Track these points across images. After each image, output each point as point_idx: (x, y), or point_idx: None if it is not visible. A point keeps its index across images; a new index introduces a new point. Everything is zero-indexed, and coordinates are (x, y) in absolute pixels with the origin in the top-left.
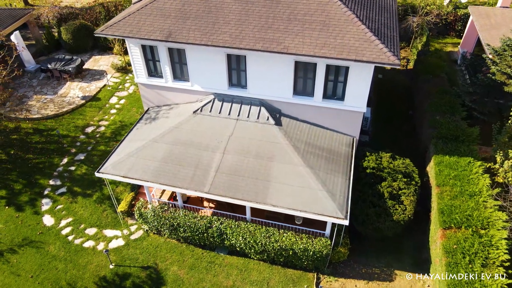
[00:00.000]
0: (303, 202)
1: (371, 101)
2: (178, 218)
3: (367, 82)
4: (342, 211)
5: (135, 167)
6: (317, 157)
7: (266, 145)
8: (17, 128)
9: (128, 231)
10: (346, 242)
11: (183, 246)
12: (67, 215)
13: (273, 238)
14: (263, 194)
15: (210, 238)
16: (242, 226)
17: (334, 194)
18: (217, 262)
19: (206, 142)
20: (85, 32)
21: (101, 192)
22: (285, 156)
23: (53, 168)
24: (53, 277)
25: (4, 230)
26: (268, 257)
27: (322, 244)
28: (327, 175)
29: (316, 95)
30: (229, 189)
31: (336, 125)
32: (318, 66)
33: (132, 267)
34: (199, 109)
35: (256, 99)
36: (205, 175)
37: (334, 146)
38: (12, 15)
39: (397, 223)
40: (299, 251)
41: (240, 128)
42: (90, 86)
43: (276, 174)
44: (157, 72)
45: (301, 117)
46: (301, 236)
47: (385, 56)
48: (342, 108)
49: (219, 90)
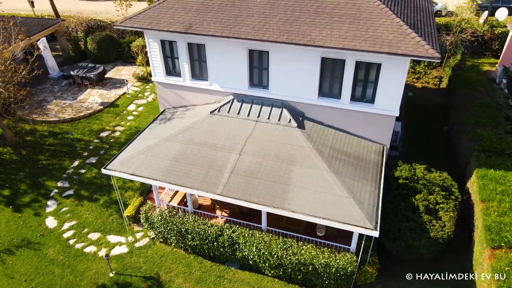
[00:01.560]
0: (327, 209)
1: (402, 116)
2: (186, 223)
3: (401, 82)
4: (372, 221)
5: (144, 165)
6: (343, 163)
7: (286, 148)
8: (32, 130)
9: (133, 238)
10: (374, 261)
11: (190, 257)
12: (71, 218)
13: (291, 251)
14: (282, 198)
15: (221, 248)
16: (256, 235)
17: (362, 202)
18: (226, 277)
19: (222, 143)
20: (110, 43)
21: (109, 196)
22: (307, 160)
23: (62, 170)
24: (48, 282)
25: (4, 230)
26: (284, 273)
27: (346, 260)
28: (354, 182)
29: (343, 96)
30: (244, 191)
31: (365, 131)
32: (346, 63)
33: (134, 277)
34: (217, 110)
35: (278, 101)
36: (218, 176)
37: (362, 153)
38: (42, 24)
39: (435, 241)
40: (320, 267)
41: (259, 129)
42: (109, 93)
43: (297, 178)
44: (175, 71)
45: (326, 121)
46: (323, 250)
47: (423, 49)
48: (372, 111)
49: (239, 90)
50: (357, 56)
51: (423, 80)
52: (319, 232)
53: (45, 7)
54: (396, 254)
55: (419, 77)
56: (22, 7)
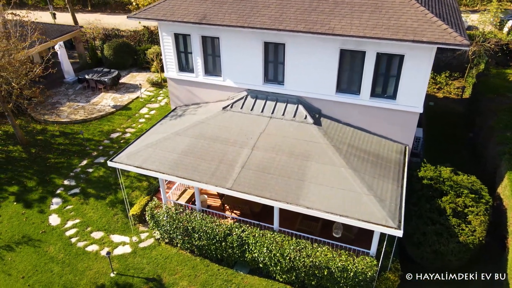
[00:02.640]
0: (345, 206)
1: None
2: (193, 221)
3: (426, 75)
4: (394, 220)
5: (151, 158)
6: (362, 160)
7: (302, 144)
8: (43, 130)
9: (137, 238)
10: (396, 267)
11: (196, 260)
12: (75, 216)
13: (305, 252)
14: (296, 194)
15: (229, 249)
16: (268, 235)
17: (383, 200)
18: (234, 281)
19: (233, 138)
20: (126, 50)
21: (115, 195)
22: (323, 156)
23: (70, 168)
24: (46, 280)
25: (6, 226)
26: (297, 278)
27: (366, 264)
28: (374, 179)
29: (363, 92)
30: (256, 186)
31: (385, 129)
32: (367, 55)
33: (136, 277)
34: (229, 106)
35: (294, 97)
36: (229, 171)
37: (383, 151)
38: (60, 30)
39: (465, 246)
40: (336, 271)
41: (273, 125)
42: (123, 97)
43: (312, 174)
44: (188, 66)
45: (344, 119)
46: (340, 253)
47: (450, 36)
48: (394, 108)
49: (253, 85)
50: (378, 46)
51: (444, 90)
52: (336, 233)
53: (67, 19)
54: (420, 261)
55: (440, 87)
56: (45, 20)
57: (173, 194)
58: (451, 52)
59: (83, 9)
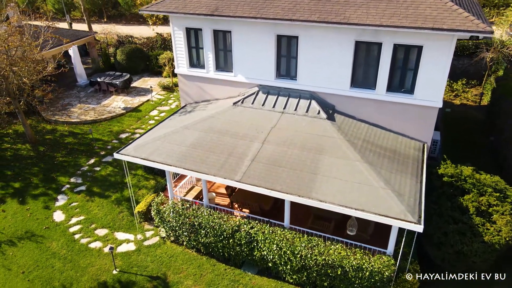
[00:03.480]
0: (360, 200)
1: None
2: (200, 217)
3: (445, 68)
4: (414, 214)
5: (159, 150)
6: (378, 155)
7: (314, 138)
8: (53, 129)
9: (142, 236)
10: (415, 269)
11: (203, 259)
12: (79, 213)
13: (317, 250)
14: (308, 187)
15: (237, 246)
16: (278, 232)
17: (401, 194)
18: (242, 282)
19: (244, 132)
20: (138, 55)
21: (121, 193)
22: (337, 150)
23: (77, 167)
24: (46, 275)
25: (10, 221)
26: (308, 278)
27: (383, 263)
28: (391, 174)
29: (378, 86)
30: (266, 179)
31: (402, 126)
32: (383, 47)
33: (139, 275)
34: (240, 101)
35: (306, 92)
36: (238, 164)
37: (400, 148)
38: (75, 35)
39: (490, 247)
40: (350, 270)
41: (285, 120)
42: (133, 100)
43: (326, 168)
44: (199, 62)
45: (358, 115)
46: (354, 251)
47: (473, 24)
48: (411, 102)
49: (265, 81)
50: (395, 37)
51: (461, 96)
52: (350, 231)
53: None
54: (441, 263)
55: (457, 94)
56: None
57: (180, 191)
58: (467, 59)
59: (99, 20)
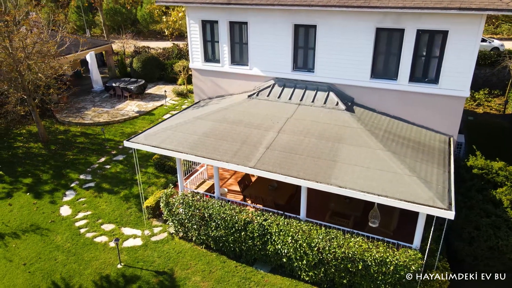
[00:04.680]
0: (383, 186)
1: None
2: (211, 208)
3: (473, 53)
4: (443, 201)
5: (170, 139)
6: (401, 145)
7: (333, 128)
8: (66, 130)
9: (150, 232)
10: (445, 267)
11: (212, 255)
12: (87, 208)
13: (336, 242)
14: (327, 174)
15: (249, 240)
16: (293, 224)
17: (428, 182)
18: (254, 279)
19: (258, 122)
20: (154, 63)
21: (130, 190)
22: (357, 139)
23: (88, 165)
24: (48, 268)
25: (16, 214)
26: (326, 275)
27: (408, 256)
28: (416, 162)
29: (401, 76)
30: (282, 166)
31: (426, 118)
32: (406, 33)
33: (144, 270)
34: (255, 94)
35: (324, 84)
36: (252, 151)
37: (424, 140)
38: (93, 43)
39: None
40: (373, 264)
41: (302, 111)
42: (147, 104)
43: (345, 156)
44: (214, 57)
45: (379, 107)
46: (377, 244)
47: (502, 2)
48: (436, 92)
49: (281, 73)
50: (419, 22)
51: (484, 105)
52: (372, 222)
53: None
54: (473, 261)
55: (479, 103)
56: None
57: (192, 182)
58: (489, 68)
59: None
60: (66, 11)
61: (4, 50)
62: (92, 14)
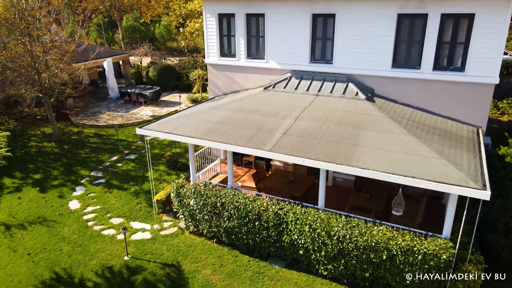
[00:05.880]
0: (410, 168)
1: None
2: (224, 196)
3: (502, 36)
4: (477, 182)
5: (182, 126)
6: (427, 132)
7: (353, 116)
8: (80, 132)
9: (159, 226)
10: (478, 260)
11: (224, 250)
12: (96, 203)
13: (357, 230)
14: (347, 157)
15: (263, 230)
16: (311, 212)
17: (459, 164)
18: (268, 274)
19: (274, 111)
20: (170, 73)
21: (141, 186)
22: (379, 126)
23: (99, 162)
24: (53, 258)
25: (24, 207)
26: (346, 268)
27: (438, 244)
28: (444, 147)
29: (424, 64)
30: (299, 149)
31: (452, 108)
32: (429, 18)
33: (152, 262)
34: (271, 86)
35: (343, 75)
36: (268, 136)
37: (451, 129)
38: (111, 52)
39: None
40: (398, 254)
41: (320, 101)
42: (161, 110)
43: (367, 140)
44: (230, 51)
45: (401, 98)
46: (403, 233)
47: None
48: (462, 80)
49: (299, 65)
50: (443, 5)
51: (509, 113)
52: (396, 211)
53: None
54: (509, 255)
55: (504, 111)
56: None
57: (204, 177)
58: None
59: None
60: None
61: (22, 46)
62: (112, 32)
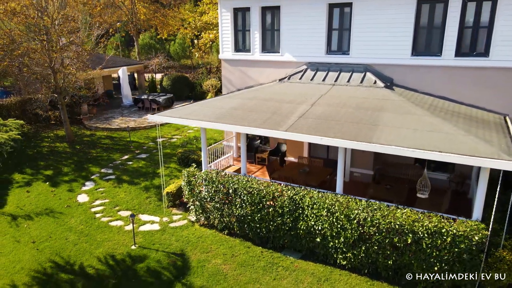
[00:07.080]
0: (435, 144)
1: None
2: (236, 183)
3: None
4: (510, 155)
5: (195, 112)
6: (451, 115)
7: (372, 101)
8: (92, 134)
9: (168, 219)
10: None
11: (236, 241)
12: (105, 197)
13: (379, 213)
14: (367, 135)
15: (278, 217)
16: (329, 196)
17: (489, 141)
18: (282, 265)
19: (290, 98)
20: (184, 82)
21: (151, 182)
22: (400, 109)
23: (110, 161)
24: (58, 246)
25: (33, 200)
26: (367, 256)
27: (469, 226)
28: (470, 128)
29: (445, 51)
30: (317, 129)
31: (476, 95)
32: (450, 2)
33: (160, 252)
34: (287, 78)
35: (360, 65)
36: (283, 119)
37: (476, 115)
38: (126, 62)
39: None
40: (425, 236)
41: (337, 90)
42: None
43: (387, 120)
44: (245, 46)
45: (422, 87)
46: (429, 215)
47: None
48: (487, 65)
49: (314, 57)
50: None
51: None
52: (421, 193)
53: None
54: None
55: None
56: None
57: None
58: None
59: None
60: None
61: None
62: (128, 50)
